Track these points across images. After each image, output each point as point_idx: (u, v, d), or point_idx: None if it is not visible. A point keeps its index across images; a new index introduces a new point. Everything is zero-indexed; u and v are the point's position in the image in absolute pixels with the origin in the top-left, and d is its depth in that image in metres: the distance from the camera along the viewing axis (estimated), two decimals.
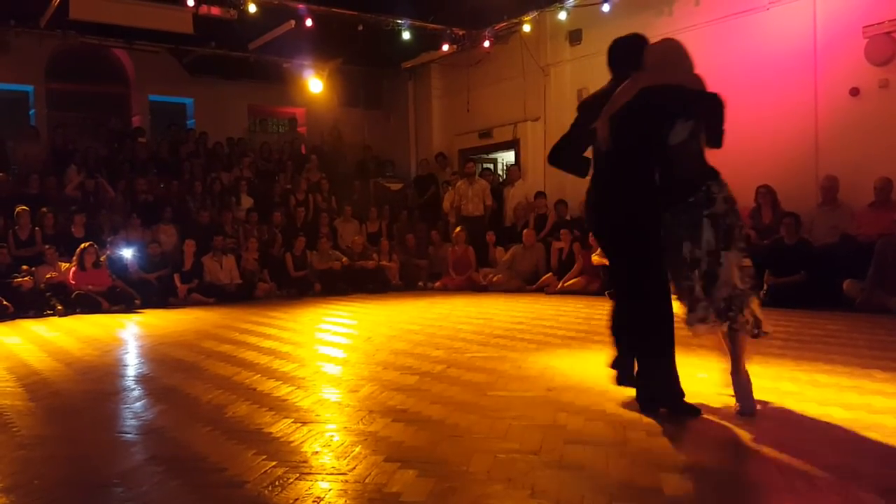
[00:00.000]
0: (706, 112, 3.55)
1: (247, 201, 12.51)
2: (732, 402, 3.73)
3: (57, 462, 3.17)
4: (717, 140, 3.54)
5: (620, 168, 3.66)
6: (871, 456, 2.94)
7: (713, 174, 3.60)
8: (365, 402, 4.09)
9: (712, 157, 3.66)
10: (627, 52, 3.82)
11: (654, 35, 3.74)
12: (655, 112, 3.55)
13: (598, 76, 13.50)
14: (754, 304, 3.62)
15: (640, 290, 3.66)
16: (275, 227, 12.12)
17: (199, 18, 11.24)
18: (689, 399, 3.79)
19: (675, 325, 3.64)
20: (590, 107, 3.84)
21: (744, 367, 3.69)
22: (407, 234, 12.81)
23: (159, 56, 13.61)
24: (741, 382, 3.67)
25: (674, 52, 3.70)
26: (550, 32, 12.55)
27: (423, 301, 10.07)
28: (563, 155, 3.99)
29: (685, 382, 4.35)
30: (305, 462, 3.04)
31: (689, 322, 3.61)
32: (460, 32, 12.83)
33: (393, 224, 13.33)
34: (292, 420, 3.70)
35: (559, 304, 9.09)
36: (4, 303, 8.86)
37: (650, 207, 3.63)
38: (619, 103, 3.56)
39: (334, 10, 11.49)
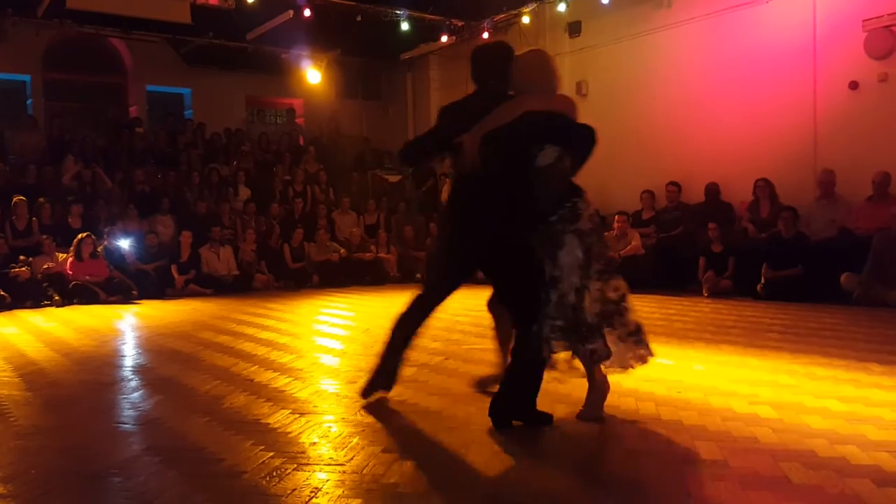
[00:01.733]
0: (582, 144, 3.54)
1: (244, 192, 12.48)
2: (735, 398, 3.75)
3: (54, 452, 3.17)
4: (579, 168, 3.54)
5: (488, 187, 3.48)
6: (867, 448, 2.95)
7: (579, 192, 3.52)
8: None
9: (713, 151, 3.65)
10: (494, 63, 3.65)
11: (655, 27, 3.71)
12: (533, 136, 3.45)
13: (598, 68, 13.51)
14: (629, 317, 3.45)
15: (529, 311, 3.46)
16: (272, 219, 12.09)
17: (197, 8, 11.19)
18: (689, 393, 3.83)
19: None
20: (453, 116, 3.67)
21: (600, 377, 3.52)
22: (405, 226, 12.79)
23: (157, 46, 13.55)
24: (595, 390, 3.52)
25: (543, 65, 3.62)
26: (550, 24, 12.50)
27: None
28: (418, 159, 4.08)
29: (683, 374, 4.38)
30: (303, 453, 3.04)
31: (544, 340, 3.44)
32: (459, 23, 12.78)
33: (391, 216, 13.31)
34: (290, 411, 3.70)
35: None
36: (1, 293, 8.83)
37: (517, 227, 3.49)
38: (498, 123, 3.41)
39: (332, 0, 11.44)
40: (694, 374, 4.38)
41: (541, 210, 3.47)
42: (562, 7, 11.71)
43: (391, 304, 9.02)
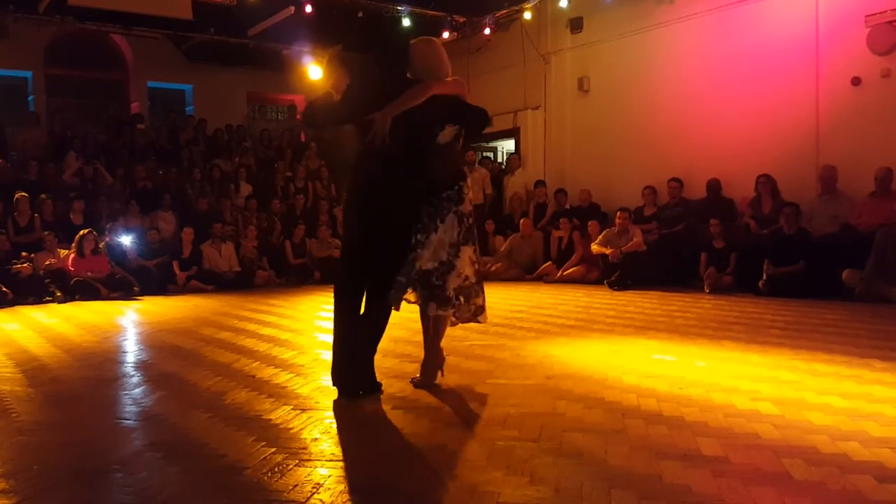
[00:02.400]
0: (476, 123, 4.11)
1: (246, 189, 12.47)
2: (737, 394, 3.75)
3: (56, 448, 3.17)
4: (469, 144, 4.06)
5: (394, 162, 3.80)
6: (869, 445, 2.95)
7: (464, 176, 4.07)
8: None
9: (715, 147, 3.71)
10: (396, 51, 4.16)
11: (657, 23, 3.77)
12: (437, 118, 3.85)
13: (600, 64, 13.49)
14: (481, 296, 4.06)
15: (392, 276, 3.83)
16: (274, 215, 12.09)
17: (199, 4, 11.18)
18: (691, 389, 3.87)
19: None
20: (362, 95, 3.93)
21: (439, 346, 4.11)
22: None
23: (158, 42, 13.54)
24: (433, 358, 4.09)
25: (438, 53, 4.04)
26: (551, 20, 12.49)
27: None
28: (324, 126, 4.65)
29: (685, 370, 4.38)
30: (305, 448, 3.04)
31: (392, 297, 3.85)
32: (461, 19, 12.76)
33: None
34: (291, 407, 3.71)
35: (558, 293, 9.09)
36: (4, 289, 8.85)
37: (415, 199, 3.87)
38: (408, 106, 3.76)
39: None
40: (696, 371, 4.38)
41: (435, 186, 3.88)
42: (563, 3, 11.69)
43: None
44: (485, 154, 14.94)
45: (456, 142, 3.94)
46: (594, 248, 10.03)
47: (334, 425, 3.39)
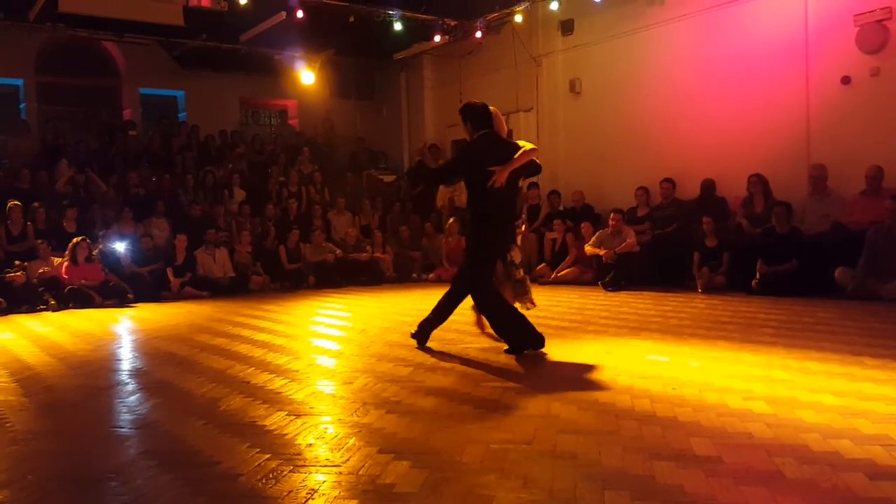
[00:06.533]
0: (532, 174, 5.78)
1: (239, 194, 12.46)
2: (730, 394, 3.77)
3: (51, 457, 3.17)
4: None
5: (507, 202, 5.26)
6: (861, 442, 2.97)
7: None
8: (359, 393, 4.11)
9: (707, 148, 3.71)
10: (484, 115, 5.31)
11: (648, 24, 3.82)
12: (520, 172, 5.33)
13: (591, 66, 13.51)
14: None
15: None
16: (268, 220, 12.08)
17: (190, 10, 11.18)
18: (684, 389, 3.86)
19: None
20: (476, 154, 5.24)
21: None
22: (400, 226, 12.78)
23: (150, 49, 13.52)
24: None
25: (503, 120, 5.55)
26: (542, 22, 12.52)
27: (417, 293, 10.06)
28: (426, 184, 5.80)
29: (679, 370, 4.40)
30: (299, 454, 3.05)
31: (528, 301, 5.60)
32: (452, 23, 12.77)
33: (386, 216, 13.30)
34: (286, 413, 3.71)
35: (552, 295, 9.10)
36: None
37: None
38: (520, 164, 5.11)
39: (325, 0, 11.44)
40: (689, 371, 4.40)
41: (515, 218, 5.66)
42: (554, 5, 11.71)
43: (387, 304, 9.06)
44: None
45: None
46: (588, 249, 10.05)
47: (329, 430, 3.40)
